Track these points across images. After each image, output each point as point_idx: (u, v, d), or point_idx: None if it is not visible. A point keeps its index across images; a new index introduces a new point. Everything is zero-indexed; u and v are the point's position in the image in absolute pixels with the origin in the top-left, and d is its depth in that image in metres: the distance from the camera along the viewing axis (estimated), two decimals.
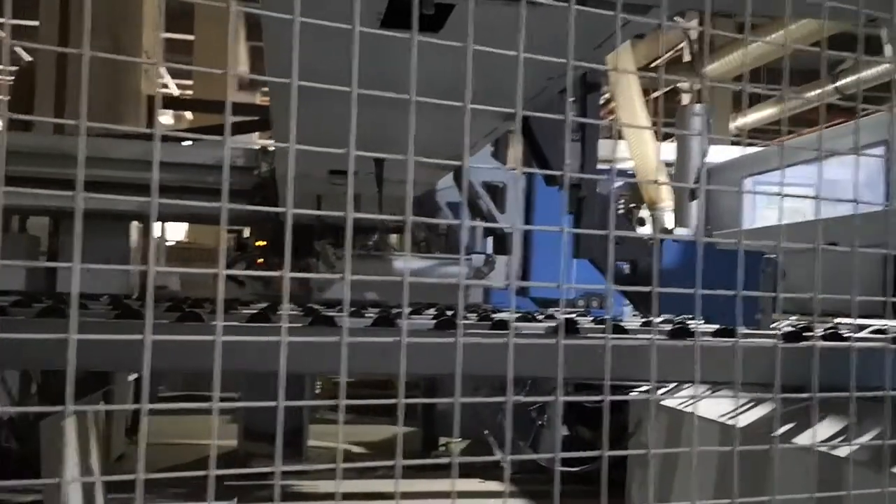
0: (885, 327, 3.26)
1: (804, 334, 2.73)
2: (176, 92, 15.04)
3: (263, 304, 3.44)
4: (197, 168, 4.98)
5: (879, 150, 4.96)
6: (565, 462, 1.01)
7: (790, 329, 2.70)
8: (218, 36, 10.67)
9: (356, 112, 0.89)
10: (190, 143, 5.41)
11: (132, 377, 5.72)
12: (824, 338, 2.63)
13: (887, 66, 10.36)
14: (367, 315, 2.82)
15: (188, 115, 12.16)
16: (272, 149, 4.68)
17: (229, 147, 0.83)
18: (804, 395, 1.17)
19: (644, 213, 7.50)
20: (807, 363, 1.60)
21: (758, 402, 3.39)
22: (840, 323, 3.59)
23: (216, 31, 10.45)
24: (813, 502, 1.18)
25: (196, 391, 8.01)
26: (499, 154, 5.49)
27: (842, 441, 2.71)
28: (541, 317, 3.68)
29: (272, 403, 0.88)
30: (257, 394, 5.25)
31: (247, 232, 6.42)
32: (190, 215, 5.85)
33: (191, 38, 11.99)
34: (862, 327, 3.34)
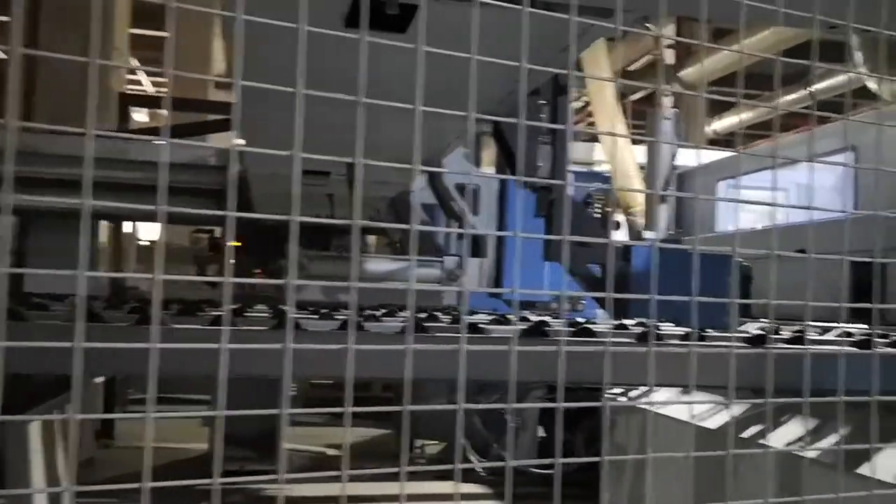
0: (853, 330, 3.30)
1: (769, 338, 2.75)
2: (151, 89, 14.91)
3: (234, 306, 3.40)
4: (169, 167, 4.92)
5: (848, 155, 5.02)
6: (541, 464, 1.00)
7: (756, 333, 2.72)
8: (193, 33, 10.58)
9: (302, 112, 0.87)
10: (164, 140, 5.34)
11: (99, 380, 5.64)
12: (788, 341, 2.65)
13: (854, 73, 10.50)
14: (336, 317, 2.80)
15: (164, 112, 12.02)
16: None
17: (168, 146, 0.82)
18: (759, 401, 1.18)
19: (619, 216, 7.54)
20: (781, 366, 1.61)
21: (728, 404, 3.41)
22: (808, 326, 3.62)
23: (191, 28, 10.35)
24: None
25: (168, 394, 7.92)
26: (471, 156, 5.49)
27: (800, 443, 2.74)
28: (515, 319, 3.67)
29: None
30: (229, 396, 5.19)
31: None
32: (164, 215, 5.77)
33: (165, 34, 11.88)
34: (826, 330, 3.38)
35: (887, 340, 3.06)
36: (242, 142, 3.07)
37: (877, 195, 1.33)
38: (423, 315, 3.31)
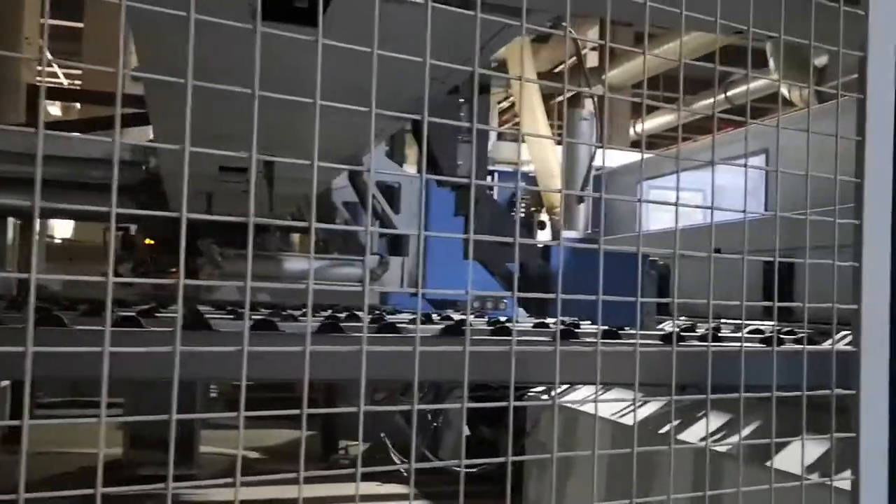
0: (763, 327, 3.41)
1: (684, 335, 2.82)
2: (65, 82, 14.37)
3: (147, 306, 3.30)
4: (82, 162, 4.76)
5: (760, 157, 5.19)
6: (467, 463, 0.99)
7: (673, 330, 2.78)
8: (109, 24, 10.23)
9: (190, 105, 0.84)
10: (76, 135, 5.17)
11: (4, 383, 5.40)
12: (703, 339, 2.72)
13: (769, 79, 10.90)
14: (253, 317, 2.74)
15: (77, 105, 11.63)
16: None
17: (41, 136, 0.78)
18: (700, 396, 1.19)
19: (544, 216, 7.62)
20: (688, 364, 1.65)
21: (645, 400, 3.48)
22: (723, 324, 3.73)
23: (107, 18, 10.01)
24: (704, 498, 1.21)
25: (81, 397, 7.65)
26: (394, 154, 5.46)
27: (724, 436, 2.82)
28: (437, 318, 3.67)
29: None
30: (144, 400, 5.05)
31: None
32: (72, 212, 5.58)
33: (80, 25, 11.47)
34: (739, 328, 3.48)
35: (794, 337, 3.17)
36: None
37: (780, 197, 1.37)
38: (343, 315, 3.27)
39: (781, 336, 3.19)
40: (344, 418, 6.49)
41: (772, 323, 3.43)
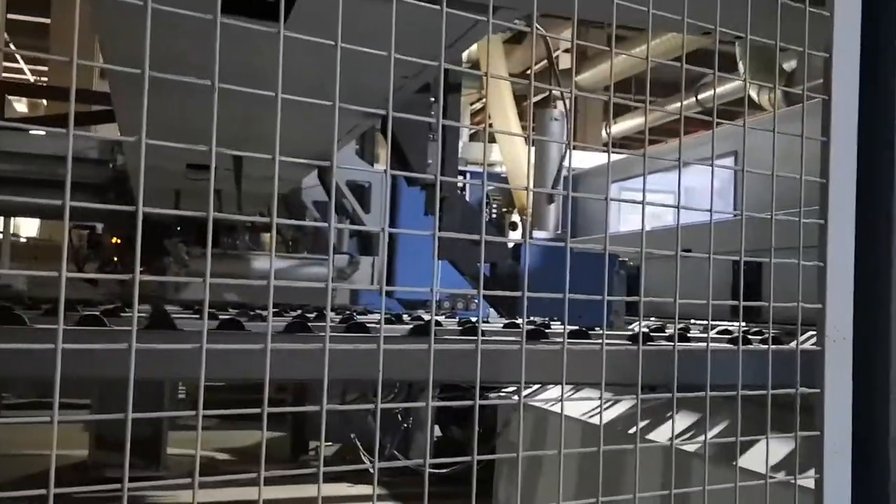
0: (731, 328, 3.44)
1: (653, 335, 2.83)
2: (31, 78, 14.14)
3: (111, 306, 3.24)
4: (47, 159, 4.69)
5: (729, 160, 5.25)
6: (436, 463, 0.98)
7: (640, 329, 2.79)
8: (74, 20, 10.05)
9: (146, 99, 0.82)
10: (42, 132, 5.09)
11: None
12: (671, 339, 2.73)
13: (740, 82, 11.04)
14: (220, 317, 2.70)
15: (43, 102, 11.45)
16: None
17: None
18: (666, 395, 1.19)
19: (516, 216, 7.63)
20: (656, 363, 1.65)
21: (616, 400, 3.50)
22: (691, 324, 3.76)
23: (74, 15, 9.84)
24: (670, 497, 1.21)
25: (46, 398, 7.51)
26: (364, 154, 5.43)
27: (691, 436, 2.83)
28: (407, 318, 3.66)
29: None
30: (110, 401, 4.98)
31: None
32: (37, 210, 5.49)
33: (46, 21, 11.29)
34: (706, 329, 3.50)
35: (761, 337, 3.20)
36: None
37: (749, 202, 1.38)
38: (312, 315, 3.24)
39: (748, 336, 3.22)
40: (314, 419, 6.45)
41: (741, 324, 3.46)
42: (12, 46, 12.45)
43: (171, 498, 5.30)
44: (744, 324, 3.40)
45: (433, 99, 2.51)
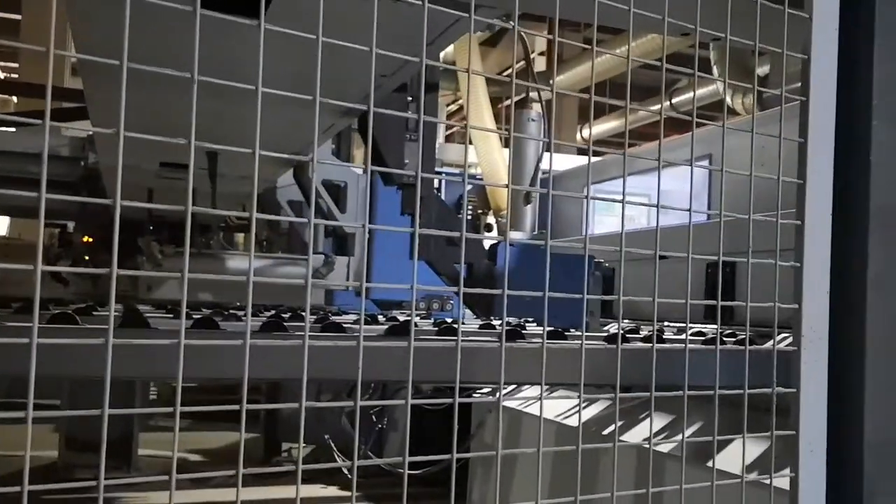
0: (706, 330, 3.47)
1: (628, 336, 2.84)
2: (1, 75, 13.92)
3: (83, 304, 3.19)
4: (18, 157, 4.61)
5: (704, 163, 5.30)
6: (410, 464, 0.97)
7: (618, 330, 2.80)
8: (48, 17, 9.92)
9: (125, 90, 0.80)
10: (13, 129, 5.00)
11: None
12: (647, 340, 2.75)
13: (715, 87, 11.16)
14: (194, 316, 2.67)
15: (14, 99, 11.27)
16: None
17: None
18: (644, 395, 1.19)
19: (491, 219, 7.64)
20: (633, 364, 1.65)
21: (590, 401, 3.51)
22: (666, 327, 3.78)
23: (45, 10, 9.72)
24: (647, 496, 1.21)
25: (16, 398, 7.40)
26: (340, 153, 5.41)
27: (668, 437, 2.85)
28: (382, 319, 3.64)
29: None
30: (81, 400, 4.90)
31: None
32: (8, 208, 5.41)
33: (18, 17, 11.13)
34: (681, 330, 3.53)
35: (736, 339, 3.22)
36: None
37: (724, 206, 1.38)
38: (287, 315, 3.22)
39: (723, 338, 3.24)
40: (288, 420, 6.40)
41: (714, 326, 3.49)
42: None
43: (143, 499, 5.24)
44: (716, 327, 3.42)
45: (410, 98, 2.50)
